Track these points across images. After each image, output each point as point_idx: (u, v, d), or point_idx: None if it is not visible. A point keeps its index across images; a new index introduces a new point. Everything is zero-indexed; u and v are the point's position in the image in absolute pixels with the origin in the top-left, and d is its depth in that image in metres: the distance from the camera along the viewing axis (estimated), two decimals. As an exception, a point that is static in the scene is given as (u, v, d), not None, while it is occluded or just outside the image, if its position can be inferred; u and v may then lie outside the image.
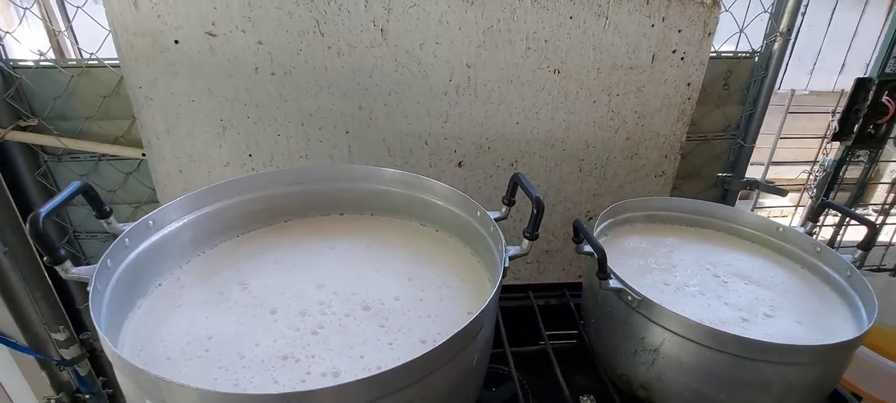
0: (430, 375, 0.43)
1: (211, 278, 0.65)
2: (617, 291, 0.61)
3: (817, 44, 2.43)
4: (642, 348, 0.61)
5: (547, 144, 1.10)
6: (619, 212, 0.85)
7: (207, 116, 1.01)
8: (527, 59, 1.00)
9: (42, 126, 1.07)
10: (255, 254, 0.71)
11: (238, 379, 0.49)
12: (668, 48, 1.02)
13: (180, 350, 0.52)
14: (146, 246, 0.61)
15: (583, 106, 1.06)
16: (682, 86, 1.06)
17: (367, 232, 0.78)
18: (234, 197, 0.73)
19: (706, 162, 1.26)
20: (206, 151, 1.05)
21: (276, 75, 0.98)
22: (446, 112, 1.04)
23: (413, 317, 0.59)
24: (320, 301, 0.61)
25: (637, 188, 1.17)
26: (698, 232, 0.86)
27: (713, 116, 1.21)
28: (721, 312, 0.64)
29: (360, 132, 1.05)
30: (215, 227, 0.72)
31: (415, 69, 1.00)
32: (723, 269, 0.74)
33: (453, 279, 0.67)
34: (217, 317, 0.57)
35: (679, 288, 0.69)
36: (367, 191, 0.81)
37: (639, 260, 0.76)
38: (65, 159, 1.12)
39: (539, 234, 0.58)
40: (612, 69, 1.03)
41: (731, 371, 0.55)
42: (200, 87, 0.98)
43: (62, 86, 1.04)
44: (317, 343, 0.54)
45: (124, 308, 0.57)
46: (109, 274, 0.54)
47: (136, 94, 0.98)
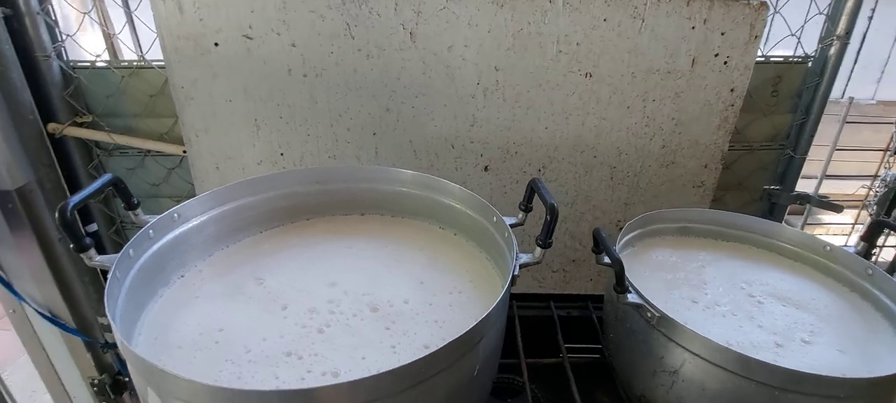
0: (426, 381, 0.42)
1: (230, 272, 0.67)
2: (636, 306, 0.58)
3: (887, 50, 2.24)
4: (661, 368, 0.57)
5: (576, 150, 1.06)
6: (650, 223, 0.80)
7: (243, 116, 1.05)
8: (557, 62, 0.98)
9: (95, 122, 1.14)
10: (274, 251, 0.72)
11: (242, 373, 0.50)
12: (709, 52, 0.96)
13: (192, 340, 0.54)
14: (170, 239, 0.64)
15: (616, 111, 1.02)
16: (724, 93, 1.00)
17: (385, 233, 0.78)
18: (256, 194, 0.75)
19: (751, 173, 1.18)
20: (240, 149, 1.09)
21: (308, 77, 1.00)
22: (473, 115, 1.03)
23: (420, 322, 0.58)
24: (330, 299, 0.61)
25: (673, 199, 1.12)
26: (735, 247, 0.80)
27: (760, 125, 1.13)
28: (753, 335, 0.60)
29: (387, 134, 1.06)
30: (238, 223, 0.74)
31: (442, 72, 0.99)
32: (759, 289, 0.69)
33: (466, 284, 0.65)
34: (230, 311, 0.59)
35: (708, 307, 0.65)
36: (387, 193, 0.81)
37: (667, 275, 0.72)
38: (115, 154, 1.20)
39: (552, 242, 0.56)
40: (648, 73, 0.98)
41: (758, 400, 0.50)
42: (237, 88, 1.02)
43: (114, 85, 1.12)
44: (321, 342, 0.54)
45: (146, 296, 0.59)
46: (131, 263, 0.56)
47: (178, 94, 1.04)
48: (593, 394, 0.83)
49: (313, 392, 0.39)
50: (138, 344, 0.54)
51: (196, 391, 0.37)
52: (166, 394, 0.40)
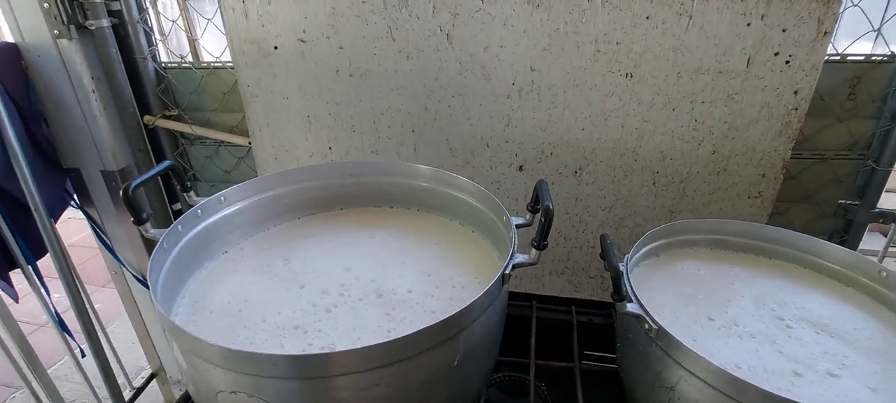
0: (397, 364, 0.45)
1: (265, 252, 0.75)
2: (635, 317, 0.57)
3: None
4: (659, 383, 0.55)
5: (616, 153, 1.03)
6: (680, 232, 0.77)
7: (297, 112, 1.15)
8: (595, 62, 0.95)
9: (180, 115, 1.31)
10: (305, 236, 0.79)
11: (254, 339, 0.56)
12: (768, 50, 0.88)
13: (221, 307, 0.62)
14: (216, 219, 0.73)
15: (659, 113, 0.97)
16: (786, 95, 0.91)
17: (408, 225, 0.82)
18: (295, 184, 0.83)
19: (823, 185, 1.06)
20: (295, 142, 1.19)
21: (354, 77, 1.08)
22: (508, 115, 1.04)
23: (419, 311, 0.61)
24: (342, 283, 0.66)
25: (725, 208, 1.04)
26: (776, 265, 0.74)
27: (834, 131, 1.01)
28: (769, 361, 0.55)
29: (425, 131, 1.10)
30: (278, 209, 0.83)
31: (478, 72, 1.01)
32: (791, 312, 0.63)
33: (471, 280, 0.68)
34: (257, 285, 0.66)
35: (724, 326, 0.61)
36: (411, 187, 0.85)
37: (687, 289, 0.68)
38: (195, 143, 1.36)
39: (548, 244, 0.56)
40: (696, 73, 0.93)
41: (755, 429, 0.47)
42: (292, 87, 1.12)
43: (195, 83, 1.27)
44: (327, 320, 0.59)
45: (193, 266, 0.69)
46: (179, 237, 0.65)
47: (244, 92, 1.16)
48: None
49: (299, 358, 0.44)
50: (180, 306, 0.63)
51: (198, 347, 0.44)
52: (182, 347, 0.47)
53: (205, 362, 0.46)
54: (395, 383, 0.46)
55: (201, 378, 0.47)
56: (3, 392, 1.72)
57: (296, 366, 0.43)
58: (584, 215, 1.11)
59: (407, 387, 0.48)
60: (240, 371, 0.44)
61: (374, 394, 0.46)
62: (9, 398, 1.70)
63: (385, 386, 0.46)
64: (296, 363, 0.42)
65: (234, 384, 0.45)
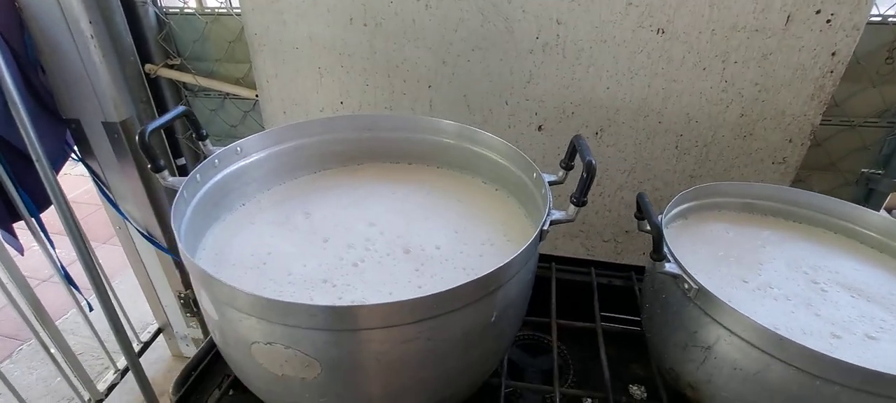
0: (436, 318, 0.44)
1: (283, 204, 0.73)
2: (673, 276, 0.55)
3: None
4: (693, 343, 0.55)
5: (639, 114, 1.00)
6: (708, 195, 0.75)
7: (308, 63, 1.10)
8: (626, 16, 0.91)
9: (183, 65, 1.26)
10: (325, 189, 0.77)
11: (282, 292, 0.55)
12: (809, 7, 0.84)
13: (244, 259, 0.60)
14: (233, 169, 0.70)
15: (689, 73, 0.94)
16: (823, 56, 0.88)
17: (429, 182, 0.80)
18: (312, 136, 0.79)
19: (848, 153, 1.04)
20: (305, 96, 1.15)
21: (368, 26, 1.03)
22: (530, 71, 1.00)
23: (448, 267, 0.60)
24: (367, 237, 0.64)
25: (747, 174, 1.02)
26: (806, 229, 0.73)
27: (866, 97, 0.98)
28: (806, 323, 0.55)
29: (441, 87, 1.06)
30: (295, 162, 0.80)
31: (501, 24, 0.97)
32: (825, 276, 0.62)
33: (500, 237, 0.66)
34: (279, 238, 0.64)
35: (759, 288, 0.60)
36: (434, 143, 0.82)
37: (718, 251, 0.67)
38: (199, 95, 1.31)
39: (587, 201, 0.54)
40: (732, 31, 0.89)
41: (799, 390, 0.47)
42: (303, 35, 1.07)
43: (199, 31, 1.21)
44: (354, 274, 0.58)
45: (211, 217, 0.67)
46: (198, 187, 0.63)
47: (252, 40, 1.11)
48: (629, 365, 0.81)
49: (338, 310, 0.42)
50: (201, 259, 0.61)
51: (234, 296, 0.42)
52: (215, 297, 0.45)
53: (239, 313, 0.44)
54: (434, 336, 0.45)
55: (234, 329, 0.46)
56: (11, 345, 1.72)
57: (337, 318, 0.41)
58: (603, 178, 1.09)
59: (445, 342, 0.46)
60: (277, 322, 0.42)
61: (413, 348, 0.45)
62: (15, 350, 1.70)
63: (424, 340, 0.45)
64: (337, 314, 0.41)
65: (270, 335, 0.43)
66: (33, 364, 1.64)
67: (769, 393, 0.49)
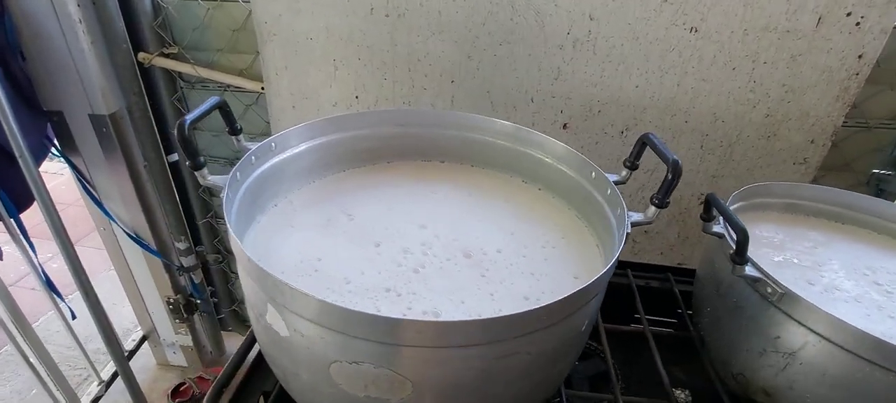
0: (541, 331, 0.40)
1: (320, 204, 0.67)
2: (752, 281, 0.53)
3: None
4: (773, 349, 0.53)
5: (667, 113, 0.99)
6: (754, 196, 0.74)
7: (322, 55, 1.04)
8: (660, 14, 0.90)
9: (180, 54, 1.17)
10: (359, 188, 0.72)
11: (344, 302, 0.50)
12: (841, 9, 0.85)
13: (293, 266, 0.55)
14: (268, 167, 0.64)
15: (719, 72, 0.93)
16: (850, 59, 0.89)
17: (469, 182, 0.76)
18: (346, 131, 0.74)
19: (862, 154, 1.07)
20: (317, 89, 1.09)
21: (390, 17, 0.98)
22: (559, 68, 0.98)
23: (515, 272, 0.56)
24: (422, 241, 0.60)
25: (769, 174, 1.03)
26: (851, 231, 0.73)
27: (883, 99, 1.01)
28: (884, 324, 0.54)
29: (465, 82, 1.02)
30: (327, 159, 0.74)
31: (532, 18, 0.94)
32: (886, 277, 0.62)
33: (559, 240, 0.63)
34: (325, 242, 0.59)
35: (827, 290, 0.59)
36: (471, 141, 0.78)
37: (775, 254, 0.66)
38: (197, 86, 1.23)
39: (669, 202, 0.52)
40: (763, 31, 0.89)
41: (892, 394, 0.46)
42: (319, 26, 1.01)
43: (199, 18, 1.13)
44: (418, 282, 0.53)
45: (247, 220, 0.61)
46: (238, 185, 0.57)
47: (261, 29, 1.04)
48: (668, 368, 0.80)
49: (450, 325, 0.37)
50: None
51: (325, 312, 0.37)
52: (289, 313, 0.40)
53: (320, 328, 0.39)
54: (533, 350, 0.41)
55: (309, 347, 0.41)
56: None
57: (441, 334, 0.37)
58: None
59: (541, 355, 0.43)
60: (372, 340, 0.37)
61: (510, 363, 0.41)
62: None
63: (524, 354, 0.41)
64: (445, 330, 0.36)
65: (359, 354, 0.39)
66: (5, 375, 1.50)
67: (860, 398, 0.48)
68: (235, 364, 0.66)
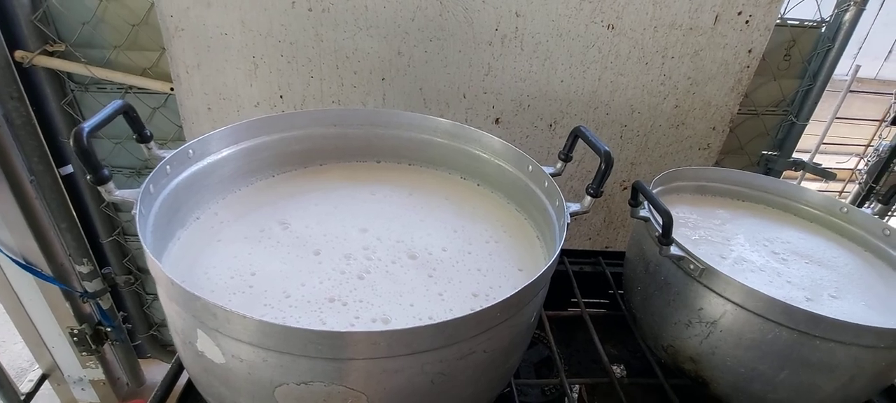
0: (496, 327, 0.40)
1: (250, 214, 0.62)
2: (677, 259, 0.58)
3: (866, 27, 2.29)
4: (698, 319, 0.58)
5: (590, 106, 1.05)
6: (671, 180, 0.80)
7: (239, 51, 0.97)
8: (580, 11, 0.94)
9: (69, 52, 1.03)
10: (292, 195, 0.68)
11: (285, 318, 0.47)
12: (733, 9, 0.95)
13: (223, 284, 0.50)
14: (187, 176, 0.59)
15: (634, 67, 1.00)
16: (742, 53, 1.00)
17: (407, 181, 0.75)
18: (273, 133, 0.70)
19: (753, 138, 1.20)
20: (236, 89, 1.01)
21: (314, 11, 0.93)
22: (488, 64, 0.99)
23: (462, 269, 0.56)
24: (365, 245, 0.58)
25: (679, 160, 1.12)
26: (751, 207, 0.82)
27: (768, 89, 1.14)
28: (783, 290, 0.61)
29: (396, 79, 1.00)
30: (253, 164, 0.69)
31: (460, 15, 0.94)
32: (781, 247, 0.70)
33: (501, 234, 0.64)
34: (259, 254, 0.55)
35: (737, 263, 0.66)
36: (408, 140, 0.77)
37: (691, 232, 0.72)
38: (92, 89, 1.09)
39: (603, 191, 0.55)
40: (671, 28, 0.96)
41: (798, 350, 0.52)
42: (233, 19, 0.94)
43: (91, 11, 1.00)
44: (363, 288, 0.51)
45: (165, 237, 0.55)
46: (152, 199, 0.51)
47: (166, 24, 0.94)
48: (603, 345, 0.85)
49: (403, 333, 0.36)
50: (160, 288, 0.49)
51: (266, 333, 0.34)
52: (224, 338, 0.36)
53: (261, 350, 0.36)
54: (488, 348, 0.41)
55: (249, 372, 0.37)
56: None
57: (398, 343, 0.35)
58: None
59: (495, 352, 0.43)
60: (319, 357, 0.35)
61: (467, 363, 0.41)
62: None
63: (480, 352, 0.41)
64: (398, 338, 0.35)
65: (306, 373, 0.36)
66: None
67: (772, 357, 0.54)
68: (160, 398, 0.60)
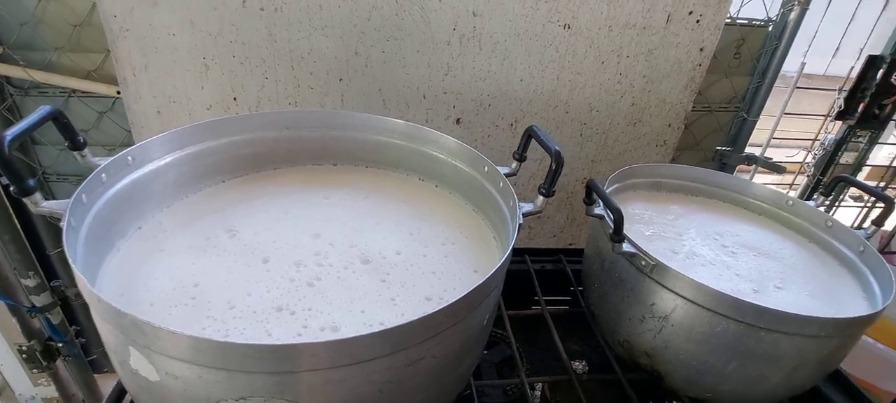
0: (445, 332, 0.40)
1: (195, 223, 0.60)
2: (629, 256, 0.59)
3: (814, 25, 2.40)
4: (650, 314, 0.59)
5: (550, 105, 1.06)
6: (626, 177, 0.82)
7: (189, 52, 0.93)
8: (537, 10, 0.95)
9: (7, 55, 0.97)
10: (242, 201, 0.66)
11: (228, 330, 0.45)
12: (684, 9, 0.97)
13: (165, 296, 0.48)
14: (125, 184, 0.56)
15: (591, 66, 1.02)
16: (694, 52, 1.02)
17: (364, 184, 0.73)
18: (220, 137, 0.67)
19: (708, 134, 1.24)
20: (186, 91, 0.97)
21: (266, 11, 0.90)
22: (448, 64, 0.99)
23: (416, 273, 0.55)
24: (316, 251, 0.56)
25: (637, 157, 1.15)
26: (703, 201, 0.84)
27: (720, 86, 1.18)
28: (732, 282, 0.63)
29: (354, 80, 0.99)
30: (199, 170, 0.66)
31: (417, 14, 0.93)
32: (730, 240, 0.73)
33: (458, 235, 0.63)
34: (204, 264, 0.53)
35: (688, 257, 0.67)
36: (365, 142, 0.76)
37: (645, 228, 0.73)
38: (32, 93, 1.03)
39: (555, 191, 0.55)
40: (625, 28, 0.98)
41: (745, 341, 0.53)
42: (182, 19, 0.90)
43: (29, 11, 0.95)
44: (313, 296, 0.50)
45: (102, 249, 0.52)
46: (85, 210, 0.48)
47: (110, 24, 0.90)
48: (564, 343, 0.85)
49: (345, 342, 0.34)
50: (97, 303, 0.47)
51: (200, 349, 0.32)
52: (156, 356, 0.35)
53: (197, 367, 0.34)
54: (438, 353, 0.41)
55: (186, 390, 0.36)
56: None
57: (341, 352, 0.34)
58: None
59: (447, 355, 0.42)
60: (259, 372, 0.34)
61: (418, 369, 0.40)
62: None
63: (430, 358, 0.40)
64: (341, 349, 0.34)
65: (245, 388, 0.35)
66: None
67: (721, 349, 0.55)
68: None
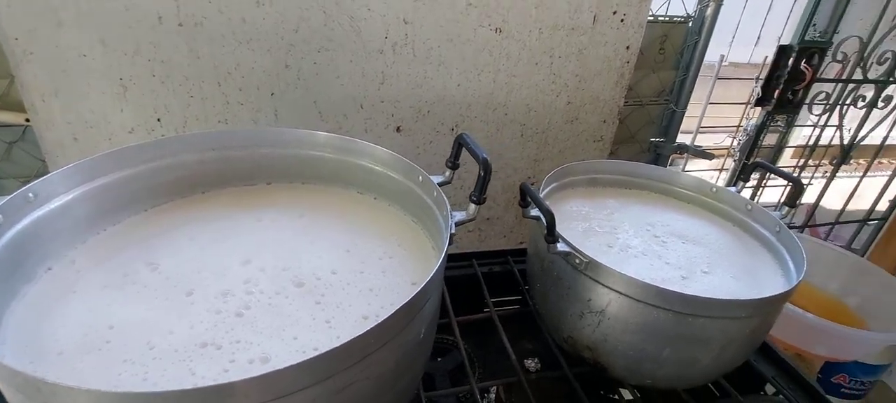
0: (375, 353, 0.39)
1: (113, 259, 0.56)
2: (564, 255, 0.60)
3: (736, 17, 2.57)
4: (588, 310, 0.61)
5: (488, 108, 1.07)
6: (563, 176, 0.84)
7: (103, 74, 0.87)
8: (467, 15, 0.95)
9: None
10: (166, 230, 0.62)
11: (147, 373, 0.42)
12: (608, 9, 1.01)
13: (75, 342, 0.44)
14: (27, 224, 0.51)
15: (525, 68, 1.04)
16: (621, 49, 1.07)
17: (299, 202, 0.71)
18: (138, 164, 0.63)
19: (641, 127, 1.29)
20: (104, 115, 0.91)
21: (185, 26, 0.86)
22: (383, 72, 0.98)
23: (353, 292, 0.54)
24: (246, 279, 0.54)
25: (577, 153, 1.18)
26: (637, 194, 0.87)
27: (649, 81, 1.23)
28: (663, 271, 0.66)
29: (287, 94, 0.96)
30: (117, 201, 0.62)
31: (346, 23, 0.91)
32: (661, 229, 0.76)
33: (396, 249, 0.62)
34: (121, 304, 0.49)
35: (622, 250, 0.70)
36: (297, 158, 0.74)
37: (582, 224, 0.75)
38: (-79, 126, 0.93)
39: (486, 198, 0.55)
40: (554, 29, 1.01)
41: (675, 328, 0.56)
42: (91, 39, 0.84)
43: None
44: (242, 327, 0.48)
45: (4, 297, 0.47)
46: (-26, 258, 0.44)
47: (11, 47, 0.82)
48: (518, 342, 0.87)
49: (260, 380, 0.32)
50: (4, 356, 0.42)
51: (99, 401, 0.30)
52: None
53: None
54: (371, 374, 0.40)
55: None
56: None
57: (264, 387, 0.33)
58: (461, 171, 1.13)
59: (381, 376, 0.42)
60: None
61: (349, 395, 0.39)
62: None
63: (362, 381, 0.39)
64: (265, 383, 0.32)
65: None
66: None
67: (655, 337, 0.57)
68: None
